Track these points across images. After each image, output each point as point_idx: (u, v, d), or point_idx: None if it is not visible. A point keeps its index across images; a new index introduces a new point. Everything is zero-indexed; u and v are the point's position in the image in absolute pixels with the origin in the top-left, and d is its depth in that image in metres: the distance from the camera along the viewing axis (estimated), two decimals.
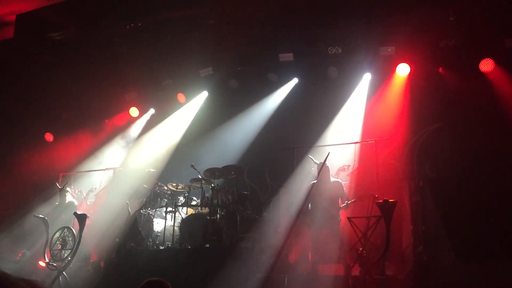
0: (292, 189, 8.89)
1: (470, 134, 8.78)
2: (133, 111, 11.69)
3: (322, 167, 7.92)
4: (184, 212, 9.39)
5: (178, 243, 8.67)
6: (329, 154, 7.99)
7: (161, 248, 8.75)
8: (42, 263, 8.68)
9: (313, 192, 7.76)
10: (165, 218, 9.19)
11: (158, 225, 9.27)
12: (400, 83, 9.54)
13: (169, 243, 8.91)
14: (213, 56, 10.35)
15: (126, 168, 10.93)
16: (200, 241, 8.32)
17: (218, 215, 8.81)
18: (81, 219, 8.27)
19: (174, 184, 9.56)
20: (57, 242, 8.43)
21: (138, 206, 9.23)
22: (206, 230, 8.31)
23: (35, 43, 10.43)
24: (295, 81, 10.50)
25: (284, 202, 9.06)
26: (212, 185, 9.15)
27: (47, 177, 11.30)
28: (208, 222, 8.44)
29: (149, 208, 9.54)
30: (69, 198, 9.73)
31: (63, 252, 8.32)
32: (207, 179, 9.24)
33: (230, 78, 10.61)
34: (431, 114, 9.45)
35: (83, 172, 11.31)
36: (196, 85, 10.95)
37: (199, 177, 9.25)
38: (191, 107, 11.36)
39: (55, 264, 8.24)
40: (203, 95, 11.20)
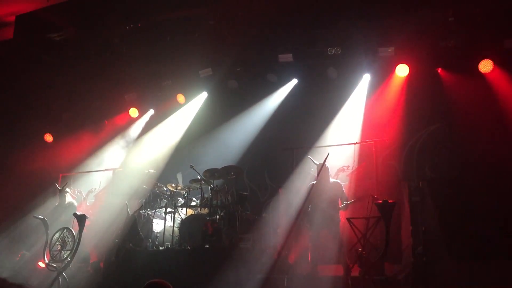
0: (291, 189, 8.89)
1: (469, 134, 8.80)
2: (132, 111, 11.69)
3: (322, 168, 7.92)
4: (183, 212, 9.39)
5: (178, 244, 8.66)
6: (328, 155, 7.98)
7: (160, 249, 8.73)
8: (41, 264, 8.66)
9: (312, 193, 7.75)
10: (165, 219, 9.19)
11: (158, 225, 9.26)
12: (399, 84, 9.55)
13: (168, 244, 8.91)
14: (212, 57, 10.35)
15: (126, 169, 10.93)
16: (200, 242, 8.32)
17: (218, 216, 8.80)
18: (81, 219, 8.26)
19: (173, 185, 9.56)
20: (57, 243, 8.41)
21: (137, 207, 9.23)
22: (205, 231, 8.31)
23: (34, 44, 10.43)
24: (294, 81, 10.50)
25: (284, 203, 9.06)
26: (212, 185, 9.16)
27: (46, 177, 11.32)
28: (207, 222, 8.44)
29: (148, 209, 9.54)
30: (68, 198, 9.73)
31: (62, 253, 8.31)
32: (206, 179, 9.24)
33: (229, 78, 10.61)
34: (431, 115, 9.47)
35: (82, 172, 11.31)
36: (196, 85, 10.95)
37: (198, 177, 9.25)
38: (190, 108, 11.36)
39: (54, 265, 8.22)
40: (203, 95, 11.20)
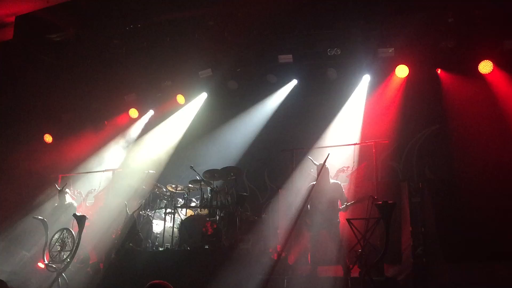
0: (291, 190, 8.89)
1: (469, 135, 8.79)
2: (132, 112, 11.69)
3: (322, 169, 7.91)
4: (183, 213, 9.39)
5: (177, 245, 8.66)
6: (328, 155, 7.97)
7: (160, 249, 8.74)
8: (41, 265, 8.66)
9: (312, 194, 7.74)
10: (164, 220, 9.18)
11: (158, 226, 9.27)
12: (399, 85, 9.55)
13: (168, 245, 8.91)
14: (212, 58, 10.34)
15: (125, 170, 10.92)
16: (199, 243, 8.31)
17: (218, 217, 8.80)
18: (81, 220, 8.25)
19: (173, 186, 9.56)
20: (56, 244, 8.41)
21: (136, 207, 9.22)
22: (205, 232, 8.31)
23: (34, 45, 10.42)
24: (294, 82, 10.49)
25: (283, 204, 9.06)
26: (212, 186, 9.16)
27: (46, 178, 11.30)
28: (207, 223, 8.43)
29: (148, 210, 9.54)
30: (68, 199, 9.74)
31: (62, 254, 8.31)
32: (206, 180, 9.24)
33: (229, 79, 10.60)
34: (430, 116, 9.47)
35: (82, 173, 11.30)
36: (195, 86, 10.94)
37: (198, 178, 9.25)
38: (190, 109, 11.35)
39: (54, 266, 8.22)
40: (202, 96, 11.19)
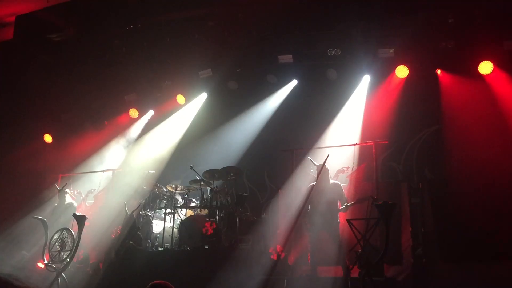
0: (291, 190, 8.89)
1: (469, 136, 8.79)
2: (132, 112, 11.69)
3: (322, 169, 7.91)
4: (183, 213, 9.39)
5: (177, 245, 8.66)
6: (328, 156, 7.97)
7: (160, 249, 8.73)
8: (41, 265, 8.65)
9: (312, 194, 7.74)
10: (164, 220, 9.18)
11: (157, 226, 9.26)
12: (399, 85, 9.55)
13: (168, 245, 8.90)
14: (212, 58, 10.34)
15: (125, 170, 10.91)
16: (199, 243, 8.31)
17: (217, 217, 8.80)
18: (80, 220, 8.24)
19: (173, 186, 9.55)
20: (56, 244, 8.40)
21: (136, 206, 9.21)
22: (204, 232, 8.30)
23: (34, 44, 10.42)
24: (294, 83, 10.50)
25: (283, 204, 9.06)
26: (211, 186, 9.15)
27: (46, 178, 11.30)
28: (207, 223, 8.43)
29: (148, 210, 9.54)
30: (68, 199, 9.73)
31: (62, 254, 8.30)
32: (206, 180, 9.24)
33: (229, 79, 10.61)
34: (430, 116, 9.47)
35: (82, 173, 11.30)
36: (196, 86, 10.94)
37: (198, 178, 9.25)
38: (190, 109, 11.36)
39: (54, 266, 8.20)
40: (202, 96, 11.20)
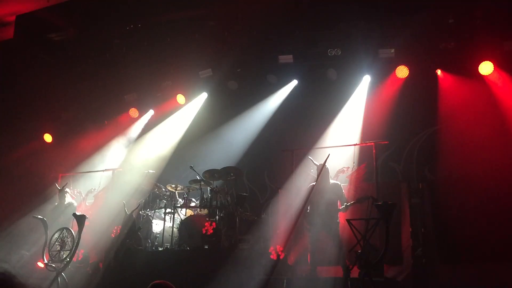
0: (291, 190, 8.88)
1: (469, 136, 8.79)
2: (132, 112, 11.69)
3: (322, 169, 7.91)
4: (183, 213, 9.38)
5: (177, 245, 8.66)
6: (328, 156, 7.97)
7: (160, 249, 8.73)
8: (40, 264, 8.65)
9: (312, 194, 7.74)
10: (164, 220, 9.18)
11: (157, 226, 9.26)
12: (399, 85, 9.55)
13: (168, 245, 8.90)
14: (212, 58, 10.34)
15: (125, 169, 10.91)
16: (199, 243, 8.31)
17: (217, 217, 8.79)
18: (80, 220, 8.24)
19: (173, 186, 9.55)
20: (56, 243, 8.40)
21: (135, 206, 9.21)
22: (204, 232, 8.30)
23: (34, 44, 10.43)
24: (294, 83, 10.49)
25: (283, 204, 9.06)
26: (211, 186, 9.15)
27: (46, 177, 11.30)
28: (207, 223, 8.42)
29: (148, 210, 9.53)
30: (68, 199, 9.72)
31: (61, 253, 8.30)
32: (206, 180, 9.24)
33: (229, 79, 10.60)
34: (430, 116, 9.47)
35: (82, 173, 11.30)
36: (196, 86, 10.94)
37: (198, 178, 9.25)
38: (190, 109, 11.35)
39: (53, 265, 8.21)
40: (203, 96, 11.19)
